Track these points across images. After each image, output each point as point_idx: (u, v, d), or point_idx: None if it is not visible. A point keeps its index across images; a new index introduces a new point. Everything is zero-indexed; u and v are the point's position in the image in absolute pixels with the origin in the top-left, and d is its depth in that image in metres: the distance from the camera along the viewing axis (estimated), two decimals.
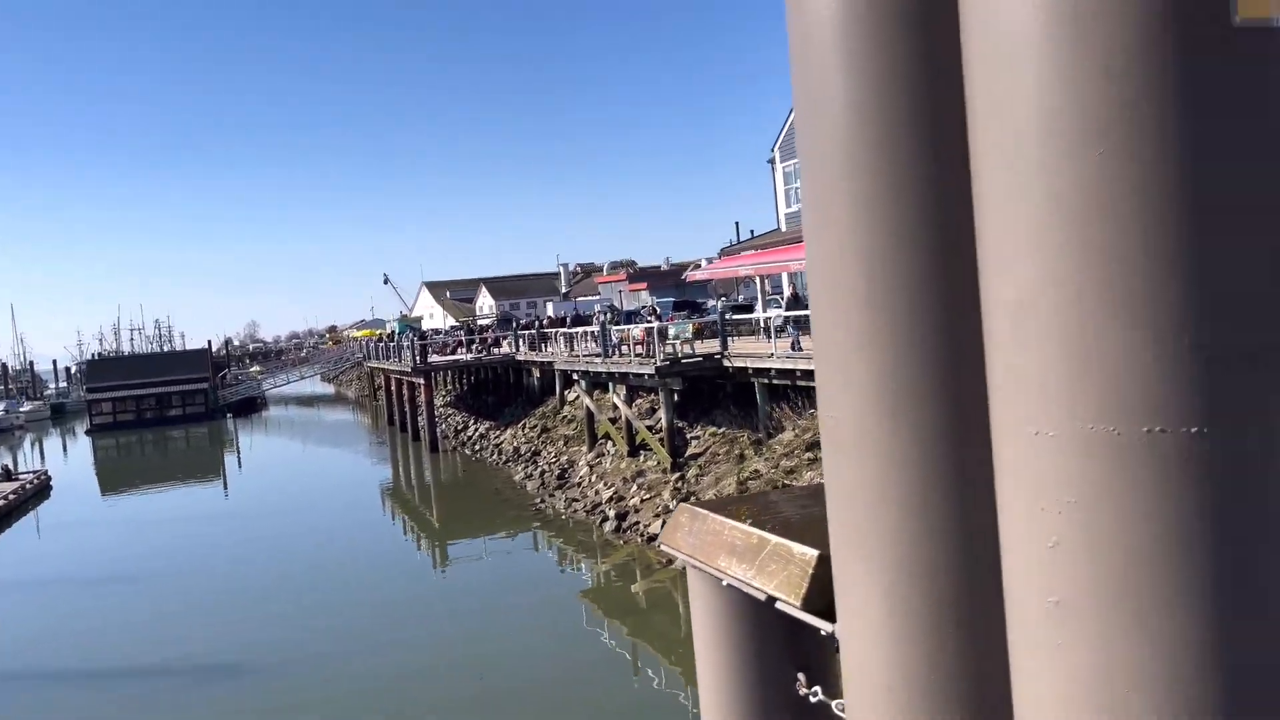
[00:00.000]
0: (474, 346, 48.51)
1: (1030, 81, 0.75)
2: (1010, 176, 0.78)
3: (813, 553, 1.17)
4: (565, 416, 35.34)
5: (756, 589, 1.24)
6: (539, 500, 29.13)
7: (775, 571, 1.22)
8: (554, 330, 39.93)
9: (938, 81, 0.88)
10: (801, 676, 1.34)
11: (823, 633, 1.15)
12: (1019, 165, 0.77)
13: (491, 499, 31.03)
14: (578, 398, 33.02)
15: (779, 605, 1.20)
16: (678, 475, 24.91)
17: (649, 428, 27.66)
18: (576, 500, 27.65)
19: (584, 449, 31.20)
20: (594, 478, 28.75)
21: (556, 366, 35.73)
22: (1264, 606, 0.71)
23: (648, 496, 24.75)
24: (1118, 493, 0.73)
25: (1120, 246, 0.72)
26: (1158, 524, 0.72)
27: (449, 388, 53.82)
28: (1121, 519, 0.73)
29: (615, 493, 26.35)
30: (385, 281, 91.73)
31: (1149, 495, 0.72)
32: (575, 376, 32.94)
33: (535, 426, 36.89)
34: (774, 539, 1.25)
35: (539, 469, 32.25)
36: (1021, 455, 0.80)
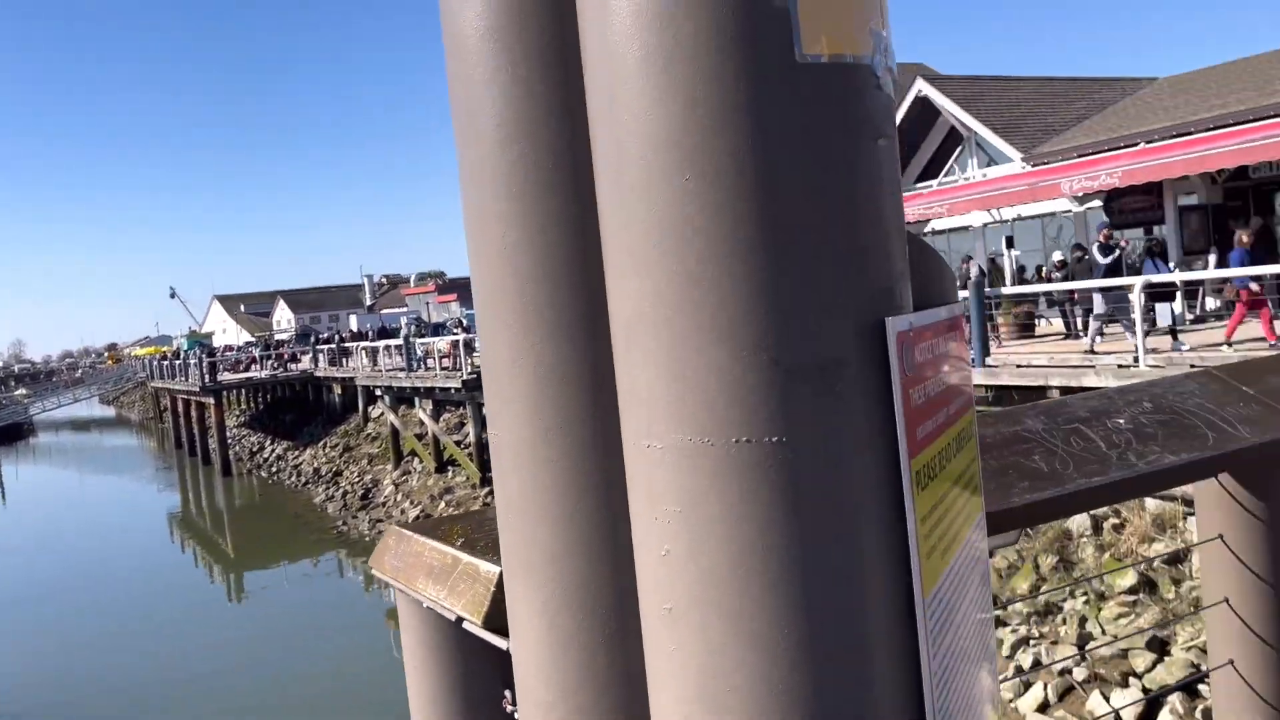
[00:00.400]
0: (270, 362, 46.26)
1: (633, 107, 0.78)
2: (619, 198, 0.81)
3: (495, 570, 1.17)
4: (369, 434, 34.26)
5: (447, 609, 1.23)
6: (341, 523, 28.07)
7: (464, 591, 1.21)
8: (356, 344, 38.64)
9: (573, 103, 0.90)
10: (508, 694, 1.34)
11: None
12: (625, 188, 0.80)
13: (290, 523, 29.65)
14: (382, 414, 32.09)
15: (465, 625, 1.20)
16: (488, 490, 24.62)
17: (457, 443, 27.23)
18: (381, 521, 26.84)
19: (389, 467, 30.34)
20: (400, 496, 28.01)
21: (359, 382, 34.63)
22: (839, 601, 0.76)
23: (457, 513, 24.34)
24: (713, 501, 0.77)
25: (707, 267, 0.76)
26: (749, 529, 0.76)
27: (243, 407, 51.06)
28: (717, 526, 0.77)
29: (423, 511, 25.77)
30: (172, 295, 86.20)
31: (740, 502, 0.76)
32: (379, 392, 32.02)
33: (337, 445, 35.56)
34: (466, 558, 1.25)
35: (341, 490, 31.10)
36: (640, 468, 0.82)
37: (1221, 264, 16.21)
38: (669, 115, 0.76)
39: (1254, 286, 12.72)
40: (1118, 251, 15.22)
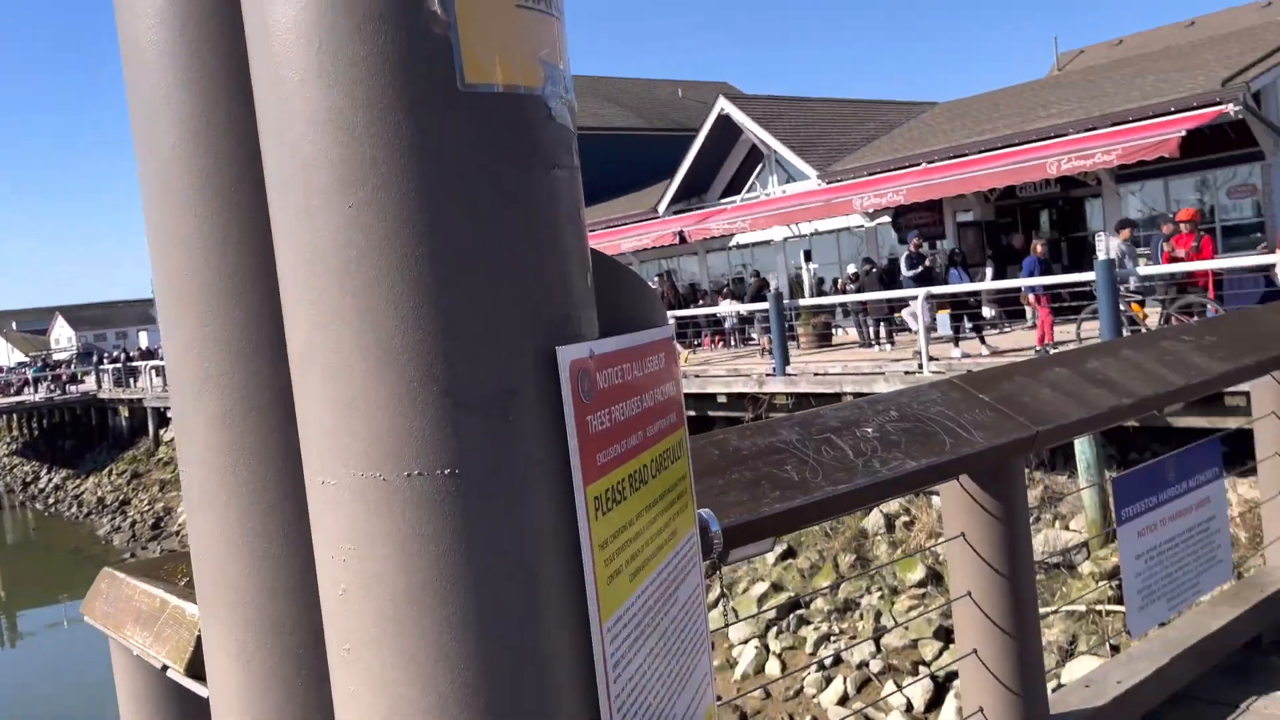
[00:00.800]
0: (46, 384, 42.58)
1: (295, 131, 0.75)
2: (288, 222, 0.78)
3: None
4: (160, 459, 32.07)
5: (153, 656, 1.15)
6: (130, 554, 26.13)
7: (169, 637, 1.14)
8: (144, 363, 36.15)
9: (252, 129, 0.86)
10: None
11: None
12: (292, 211, 0.77)
13: (70, 558, 27.34)
14: (174, 437, 30.12)
15: (170, 673, 1.13)
16: None
17: None
18: (175, 551, 25.16)
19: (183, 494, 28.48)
20: None
21: (148, 403, 32.41)
22: (518, 634, 0.76)
23: (185, 550, 23.09)
24: (387, 538, 0.75)
25: (373, 297, 0.74)
26: (423, 564, 0.74)
27: (14, 434, 46.72)
28: (391, 563, 0.75)
29: None
30: None
31: (414, 538, 0.74)
32: (171, 414, 30.10)
33: (124, 472, 33.11)
34: (174, 601, 1.17)
35: (129, 519, 28.98)
36: (317, 505, 0.79)
37: (999, 276, 17.53)
38: (329, 140, 0.73)
39: (1031, 297, 13.80)
40: (923, 264, 16.10)
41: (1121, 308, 11.45)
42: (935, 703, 10.18)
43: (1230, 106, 15.13)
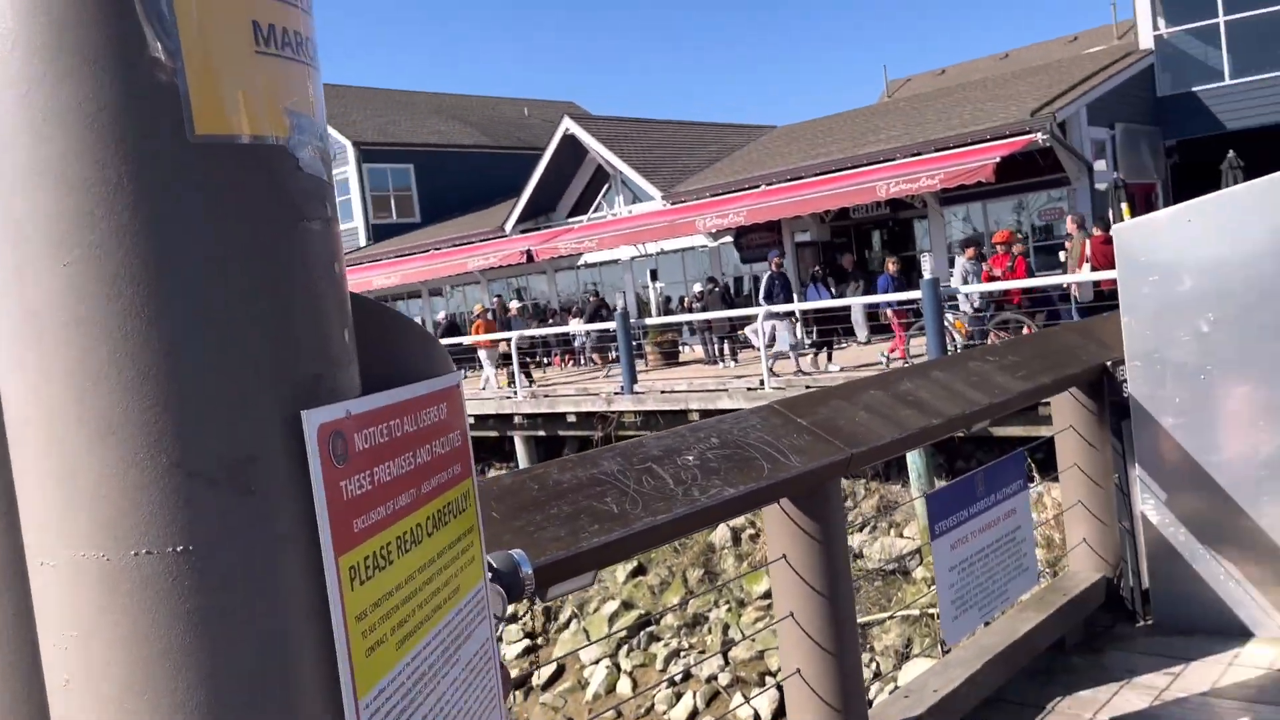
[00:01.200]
0: None
1: (6, 185, 0.70)
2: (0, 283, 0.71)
3: None
4: None
5: None
6: None
7: None
8: None
9: None
10: None
11: None
12: (3, 275, 0.71)
13: None
14: None
15: None
16: None
17: None
18: None
19: None
20: None
21: None
22: (259, 711, 0.71)
23: None
24: (113, 622, 0.69)
25: (93, 363, 0.68)
26: (154, 649, 0.69)
27: None
28: (119, 650, 0.69)
29: None
30: None
31: (142, 620, 0.69)
32: None
33: None
34: None
35: None
36: (38, 589, 0.73)
37: (840, 294, 18.15)
38: (43, 194, 0.67)
39: (889, 313, 14.26)
40: (784, 287, 16.27)
41: (946, 325, 12.07)
42: (782, 712, 10.40)
43: (1039, 135, 16.25)
